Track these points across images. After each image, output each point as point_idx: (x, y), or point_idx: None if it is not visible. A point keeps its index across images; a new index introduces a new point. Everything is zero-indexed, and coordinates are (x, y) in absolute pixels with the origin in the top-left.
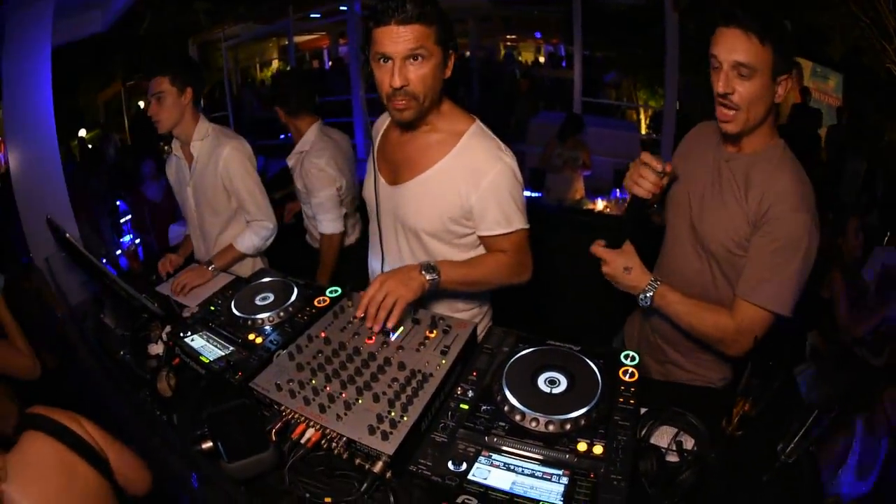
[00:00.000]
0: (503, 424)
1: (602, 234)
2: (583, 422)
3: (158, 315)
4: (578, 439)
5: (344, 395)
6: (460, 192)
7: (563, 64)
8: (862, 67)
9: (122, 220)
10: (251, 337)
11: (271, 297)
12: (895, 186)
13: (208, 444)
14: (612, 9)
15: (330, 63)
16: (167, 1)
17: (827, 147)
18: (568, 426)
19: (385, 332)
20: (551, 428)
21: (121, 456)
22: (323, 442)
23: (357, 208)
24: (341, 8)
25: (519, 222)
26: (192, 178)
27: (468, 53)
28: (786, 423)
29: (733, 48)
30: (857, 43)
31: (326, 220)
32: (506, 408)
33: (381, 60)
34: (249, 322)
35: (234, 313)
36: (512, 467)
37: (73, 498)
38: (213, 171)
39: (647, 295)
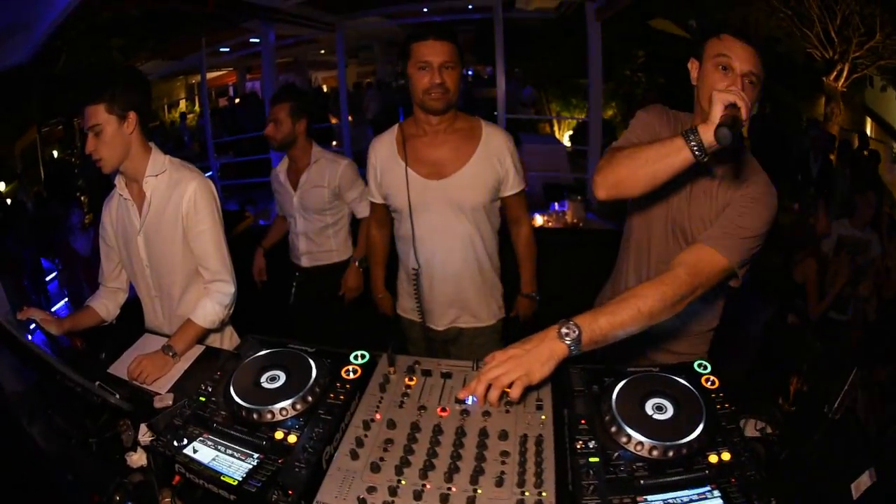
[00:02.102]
0: (642, 464)
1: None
2: (704, 437)
3: (127, 411)
4: (708, 453)
5: (454, 488)
6: (496, 166)
7: (470, 76)
8: (777, 55)
9: (48, 279)
10: (279, 436)
11: (282, 376)
12: (829, 163)
13: None
14: (524, 24)
15: (238, 100)
16: (82, 37)
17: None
18: (695, 445)
19: (458, 400)
20: (684, 452)
21: None
22: None
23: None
24: (252, 40)
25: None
26: (143, 224)
27: (373, 78)
28: (829, 387)
29: (746, 59)
30: (772, 33)
31: (363, 205)
32: (636, 447)
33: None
34: (268, 415)
35: (240, 404)
36: (671, 500)
37: None
38: (175, 213)
39: (573, 335)
